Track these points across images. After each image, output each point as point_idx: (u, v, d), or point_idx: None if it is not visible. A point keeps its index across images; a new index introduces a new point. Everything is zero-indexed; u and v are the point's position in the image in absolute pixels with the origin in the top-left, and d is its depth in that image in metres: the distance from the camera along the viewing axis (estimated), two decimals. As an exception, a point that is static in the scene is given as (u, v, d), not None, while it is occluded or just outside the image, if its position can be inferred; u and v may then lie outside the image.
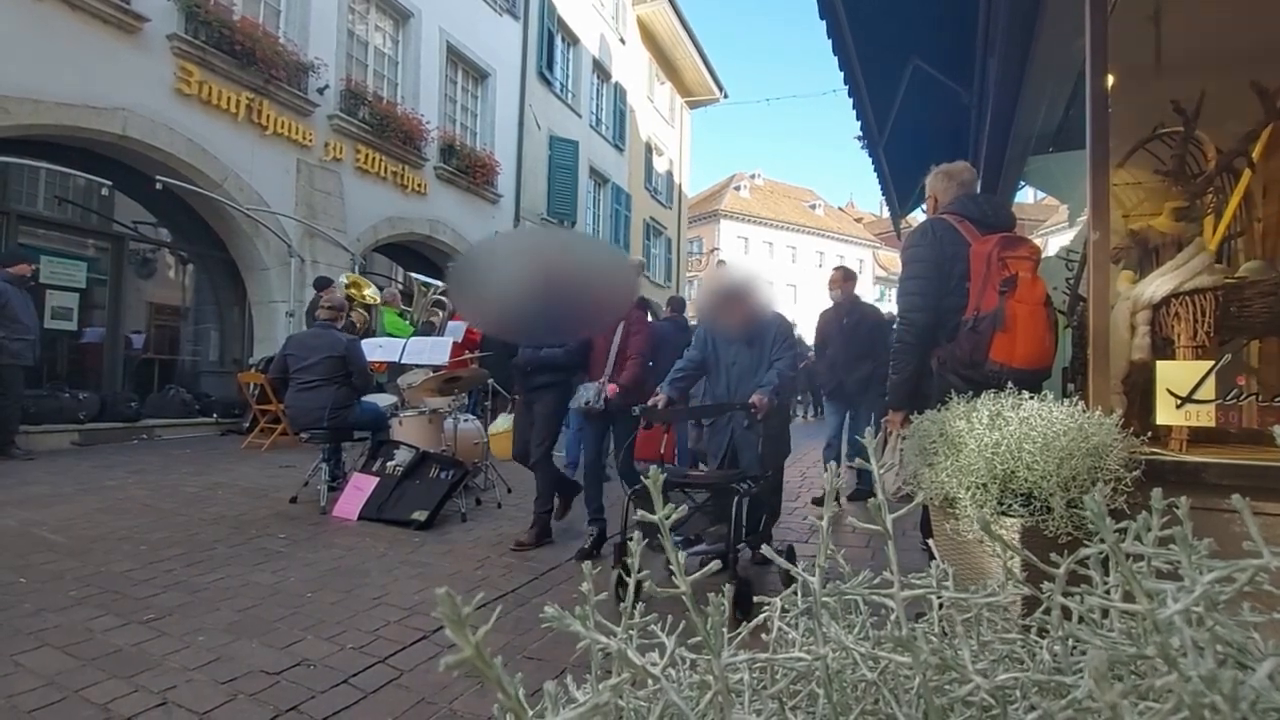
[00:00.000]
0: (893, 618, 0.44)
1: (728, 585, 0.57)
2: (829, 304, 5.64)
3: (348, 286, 7.92)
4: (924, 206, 3.37)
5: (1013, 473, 1.57)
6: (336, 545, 3.75)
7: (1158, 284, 1.85)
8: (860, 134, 5.24)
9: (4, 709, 1.90)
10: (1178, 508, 0.40)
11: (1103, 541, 0.37)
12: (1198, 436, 1.79)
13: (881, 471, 0.48)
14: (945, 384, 2.24)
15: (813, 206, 44.77)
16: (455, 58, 12.67)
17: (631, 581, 0.40)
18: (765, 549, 0.59)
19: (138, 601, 2.85)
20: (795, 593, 0.54)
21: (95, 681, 2.14)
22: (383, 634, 2.60)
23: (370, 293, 8.04)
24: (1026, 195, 8.20)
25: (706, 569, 0.50)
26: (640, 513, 0.45)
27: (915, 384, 2.41)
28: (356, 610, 2.84)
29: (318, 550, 3.14)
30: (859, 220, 46.87)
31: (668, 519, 0.41)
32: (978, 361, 2.21)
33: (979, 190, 4.93)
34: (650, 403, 3.21)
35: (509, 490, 5.37)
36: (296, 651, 2.42)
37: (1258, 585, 0.35)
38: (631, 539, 0.45)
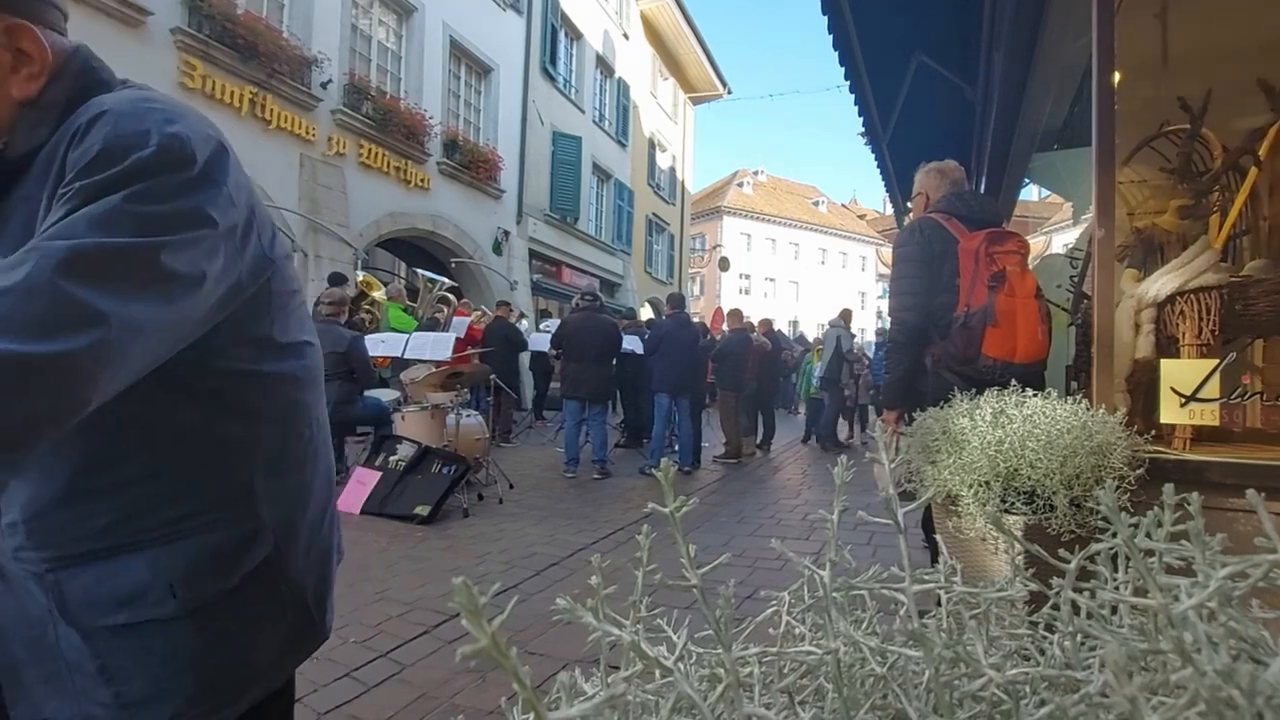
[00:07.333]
0: (903, 612, 0.44)
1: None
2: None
3: (360, 284, 7.94)
4: (910, 204, 3.36)
5: (1015, 470, 1.57)
6: (338, 539, 3.76)
7: (1162, 282, 1.84)
8: (863, 130, 5.23)
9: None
10: (1189, 504, 0.40)
11: (1114, 536, 0.37)
12: (1201, 435, 1.79)
13: (891, 466, 0.48)
14: (941, 381, 2.24)
15: (816, 203, 44.72)
16: (459, 52, 12.65)
17: (640, 574, 0.40)
18: (775, 542, 0.53)
19: (141, 594, 2.86)
20: (802, 588, 0.54)
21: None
22: (384, 628, 2.61)
23: (380, 294, 8.07)
24: (1031, 192, 8.18)
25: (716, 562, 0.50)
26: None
27: (908, 382, 2.41)
28: (358, 604, 2.85)
29: (320, 544, 3.15)
30: (862, 217, 46.83)
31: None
32: (971, 357, 2.21)
33: (981, 188, 4.93)
34: None
35: (510, 486, 5.38)
36: (299, 645, 2.43)
37: (1271, 581, 0.35)
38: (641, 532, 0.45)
